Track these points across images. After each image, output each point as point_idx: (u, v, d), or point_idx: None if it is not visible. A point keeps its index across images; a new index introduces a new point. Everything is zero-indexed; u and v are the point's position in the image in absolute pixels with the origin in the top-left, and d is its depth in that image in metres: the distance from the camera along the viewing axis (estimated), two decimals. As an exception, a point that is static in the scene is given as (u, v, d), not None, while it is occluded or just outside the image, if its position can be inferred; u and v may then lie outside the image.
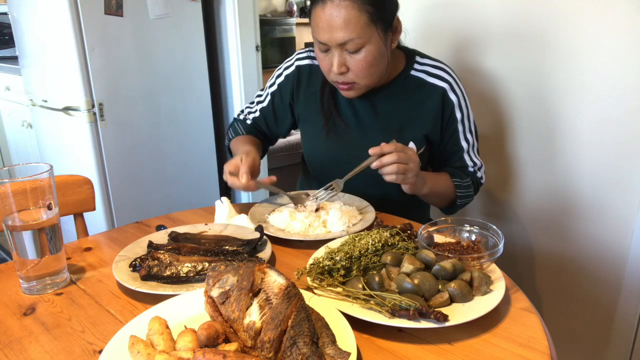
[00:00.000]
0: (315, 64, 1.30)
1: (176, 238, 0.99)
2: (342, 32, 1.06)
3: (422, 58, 1.26)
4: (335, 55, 1.10)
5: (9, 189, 0.81)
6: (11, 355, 0.70)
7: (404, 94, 1.24)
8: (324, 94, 1.28)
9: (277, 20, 4.13)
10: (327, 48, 1.11)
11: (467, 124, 1.26)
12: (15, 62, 2.83)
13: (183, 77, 2.51)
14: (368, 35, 1.08)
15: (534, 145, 1.51)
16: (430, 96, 1.22)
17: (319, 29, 1.09)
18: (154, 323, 0.66)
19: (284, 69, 1.34)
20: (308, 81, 1.31)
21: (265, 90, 1.38)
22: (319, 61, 1.17)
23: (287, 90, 1.33)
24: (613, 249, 1.41)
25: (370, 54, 1.09)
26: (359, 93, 1.19)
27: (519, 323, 0.74)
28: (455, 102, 1.23)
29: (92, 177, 2.15)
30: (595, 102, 1.36)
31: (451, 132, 1.25)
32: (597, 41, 1.32)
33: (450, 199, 1.27)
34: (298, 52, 1.34)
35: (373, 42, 1.09)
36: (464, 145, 1.27)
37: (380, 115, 1.25)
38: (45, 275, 0.87)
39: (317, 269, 0.84)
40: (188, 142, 2.59)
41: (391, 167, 1.04)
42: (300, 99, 1.32)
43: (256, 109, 1.40)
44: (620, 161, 1.35)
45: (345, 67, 1.11)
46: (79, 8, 2.05)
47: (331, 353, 0.61)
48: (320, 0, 1.07)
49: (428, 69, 1.24)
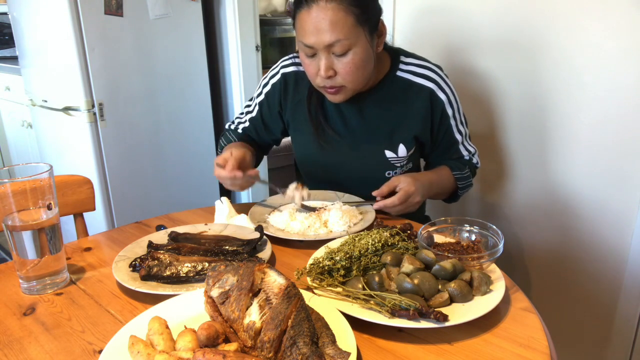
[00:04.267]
0: (300, 71, 1.28)
1: (176, 238, 0.99)
2: (329, 34, 1.05)
3: (407, 57, 1.25)
4: (323, 59, 1.09)
5: (9, 189, 0.81)
6: (11, 355, 0.70)
7: (392, 96, 1.23)
8: (311, 101, 1.26)
9: (277, 20, 4.12)
10: (314, 52, 1.10)
11: (458, 117, 1.27)
12: (15, 62, 2.83)
13: (183, 77, 2.51)
14: (355, 36, 1.07)
15: (534, 145, 1.51)
16: (419, 97, 1.22)
17: (305, 32, 1.08)
18: (154, 323, 0.66)
19: (270, 78, 1.32)
20: (295, 88, 1.29)
21: (253, 100, 1.37)
22: (304, 67, 1.16)
23: (274, 99, 1.31)
24: (613, 249, 1.41)
25: (358, 56, 1.09)
26: (346, 97, 1.17)
27: (519, 323, 0.74)
28: (444, 100, 1.22)
29: (92, 177, 2.14)
30: (595, 102, 1.36)
31: (445, 128, 1.26)
32: (597, 41, 1.31)
33: (453, 191, 1.31)
34: (282, 60, 1.32)
35: (360, 44, 1.09)
36: (458, 137, 1.28)
37: (369, 120, 1.24)
38: (45, 275, 0.87)
39: (317, 269, 0.84)
40: (188, 142, 2.59)
41: (394, 209, 1.13)
42: (288, 107, 1.30)
43: (245, 119, 1.38)
44: (620, 161, 1.35)
45: (333, 71, 1.10)
46: (79, 8, 2.04)
47: (331, 353, 0.61)
48: (305, 5, 1.07)
49: (414, 69, 1.23)
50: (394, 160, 1.25)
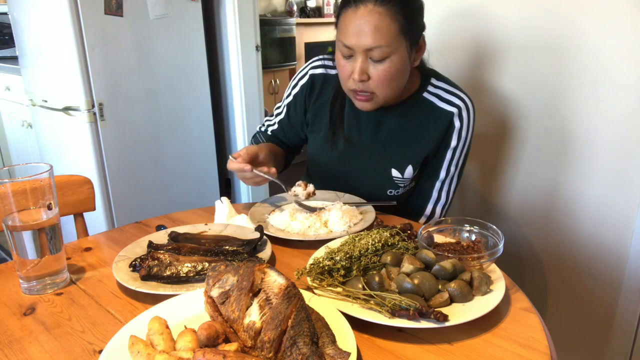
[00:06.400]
0: (329, 74, 1.27)
1: (176, 238, 0.99)
2: (371, 38, 1.03)
3: (438, 81, 1.22)
4: (359, 62, 1.07)
5: (9, 189, 0.81)
6: (11, 355, 0.70)
7: (411, 116, 1.21)
8: (334, 106, 1.26)
9: (277, 20, 4.13)
10: (351, 54, 1.08)
11: (458, 155, 1.22)
12: (15, 62, 2.83)
13: (183, 77, 2.51)
14: (396, 45, 1.05)
15: (533, 145, 1.51)
16: (438, 121, 1.19)
17: (347, 32, 1.06)
18: (154, 323, 0.66)
19: (298, 79, 1.32)
20: (320, 90, 1.28)
21: (282, 102, 1.37)
22: (338, 67, 1.14)
23: (301, 99, 1.31)
24: (613, 249, 1.41)
25: (394, 65, 1.07)
26: (375, 107, 1.15)
27: (519, 323, 0.74)
28: (456, 128, 1.19)
29: (92, 177, 2.14)
30: (595, 102, 1.36)
31: (438, 156, 1.23)
32: (597, 41, 1.31)
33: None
34: (312, 60, 1.31)
35: (399, 54, 1.07)
36: (442, 174, 1.24)
37: (383, 135, 1.23)
38: (45, 275, 0.87)
39: (317, 269, 0.84)
40: (188, 142, 2.60)
41: None
42: (311, 107, 1.30)
43: (274, 122, 1.39)
44: (620, 161, 1.35)
45: (367, 76, 1.08)
46: (79, 8, 2.05)
47: (331, 353, 0.61)
48: (352, 4, 1.05)
49: (441, 93, 1.20)
50: (398, 180, 1.24)
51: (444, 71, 1.28)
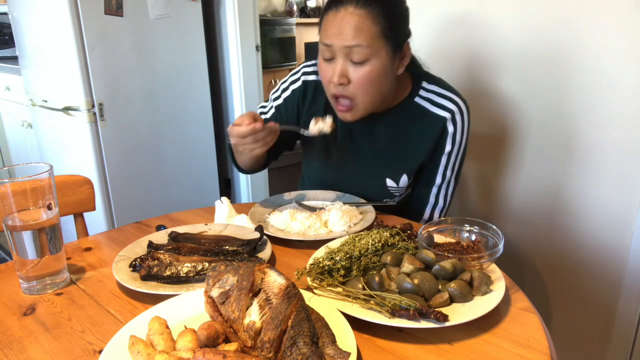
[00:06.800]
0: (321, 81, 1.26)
1: (176, 238, 0.99)
2: (350, 37, 1.03)
3: (430, 84, 1.20)
4: (339, 64, 1.06)
5: (9, 189, 0.81)
6: (11, 355, 0.70)
7: (404, 123, 1.19)
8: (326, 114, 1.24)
9: (277, 20, 4.13)
10: (332, 55, 1.07)
11: (453, 159, 1.21)
12: (15, 62, 2.83)
13: (183, 77, 2.51)
14: (376, 47, 1.04)
15: (534, 146, 1.51)
16: (431, 127, 1.17)
17: (328, 32, 1.06)
18: (154, 323, 0.66)
19: (290, 83, 1.29)
20: (313, 98, 1.27)
21: (269, 103, 1.33)
22: (320, 72, 1.13)
23: (293, 104, 1.29)
24: (613, 249, 1.41)
25: (375, 69, 1.05)
26: (355, 117, 1.13)
27: (519, 323, 0.74)
28: (450, 133, 1.17)
29: (92, 177, 2.14)
30: (595, 102, 1.35)
31: (434, 161, 1.21)
32: (597, 41, 1.31)
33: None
34: (304, 65, 1.29)
35: (379, 58, 1.05)
36: (438, 179, 1.23)
37: (377, 143, 1.22)
38: (45, 275, 0.87)
39: (317, 269, 0.84)
40: (188, 142, 2.59)
41: None
42: (303, 115, 1.29)
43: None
44: (620, 161, 1.35)
45: (347, 79, 1.07)
46: (79, 8, 2.05)
47: (331, 353, 0.61)
48: (334, 6, 1.05)
49: (433, 97, 1.18)
50: (394, 190, 1.24)
51: (445, 74, 1.27)
